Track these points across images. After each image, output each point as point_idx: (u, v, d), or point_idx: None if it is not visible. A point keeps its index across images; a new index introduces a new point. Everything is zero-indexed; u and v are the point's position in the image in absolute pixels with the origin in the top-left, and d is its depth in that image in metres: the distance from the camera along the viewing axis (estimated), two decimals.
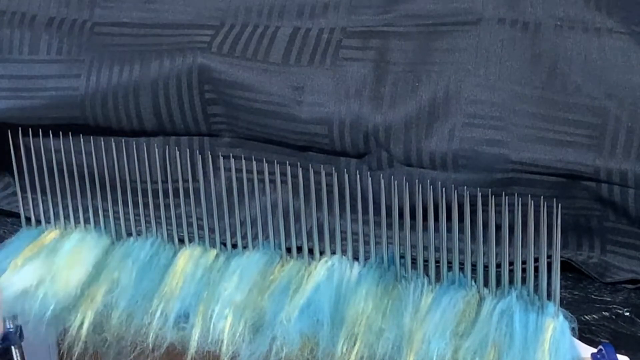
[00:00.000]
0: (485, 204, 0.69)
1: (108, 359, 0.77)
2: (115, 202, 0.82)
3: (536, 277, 0.68)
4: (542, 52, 0.76)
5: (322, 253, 0.76)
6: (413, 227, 0.71)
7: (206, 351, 0.74)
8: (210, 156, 0.80)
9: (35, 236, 0.82)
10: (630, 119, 0.73)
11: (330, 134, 0.79)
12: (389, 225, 0.73)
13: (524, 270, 0.69)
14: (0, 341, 0.82)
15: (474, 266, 0.71)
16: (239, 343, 0.73)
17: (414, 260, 0.73)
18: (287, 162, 0.80)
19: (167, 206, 0.80)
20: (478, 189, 0.71)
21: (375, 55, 0.79)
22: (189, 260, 0.78)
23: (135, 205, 0.81)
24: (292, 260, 0.76)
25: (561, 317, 0.67)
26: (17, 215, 0.85)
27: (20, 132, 0.84)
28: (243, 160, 0.80)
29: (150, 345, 0.75)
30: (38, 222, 0.83)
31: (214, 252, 0.78)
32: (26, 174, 0.83)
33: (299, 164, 0.79)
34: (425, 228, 0.71)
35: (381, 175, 0.75)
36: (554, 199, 0.68)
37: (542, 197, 0.69)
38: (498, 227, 0.69)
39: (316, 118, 0.79)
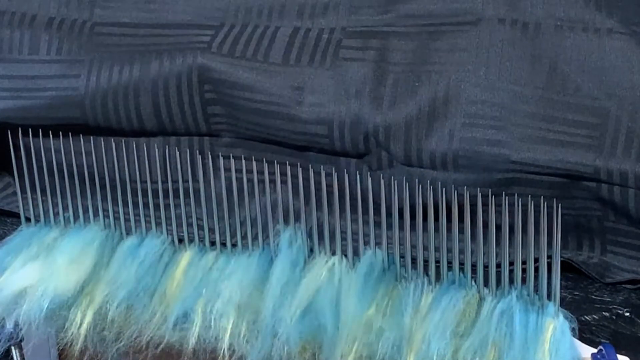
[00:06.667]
0: (485, 204, 0.69)
1: (108, 358, 0.77)
2: (115, 202, 0.82)
3: (536, 277, 0.68)
4: (542, 52, 0.76)
5: (322, 253, 0.76)
6: (413, 227, 0.71)
7: (205, 350, 0.74)
8: (210, 156, 0.80)
9: (35, 236, 0.82)
10: (630, 119, 0.73)
11: (330, 134, 0.79)
12: (389, 225, 0.73)
13: (524, 271, 0.69)
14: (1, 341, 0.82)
15: (474, 266, 0.71)
16: (239, 343, 0.73)
17: (414, 260, 0.73)
18: (287, 162, 0.80)
19: (167, 206, 0.80)
20: (478, 189, 0.71)
21: (375, 55, 0.79)
22: (189, 261, 0.78)
23: (135, 205, 0.81)
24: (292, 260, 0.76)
25: (561, 317, 0.67)
26: (17, 215, 0.85)
27: (20, 132, 0.84)
28: (243, 160, 0.80)
29: (149, 344, 0.75)
30: (38, 221, 0.83)
31: (214, 252, 0.78)
32: (26, 174, 0.83)
33: (299, 164, 0.79)
34: (425, 228, 0.71)
35: (381, 175, 0.75)
36: (554, 199, 0.68)
37: (542, 197, 0.69)
38: (498, 227, 0.69)
39: (316, 118, 0.79)
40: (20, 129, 0.84)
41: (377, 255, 0.73)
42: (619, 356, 0.66)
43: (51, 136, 0.84)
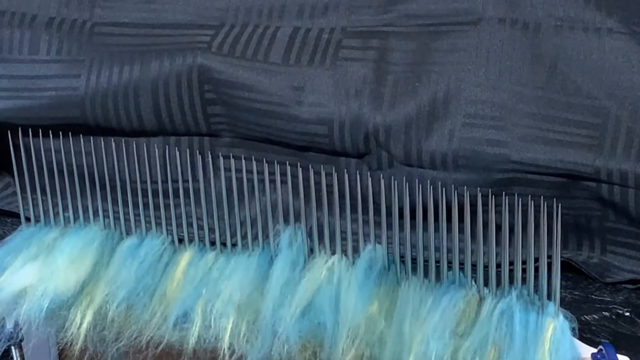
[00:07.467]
0: (485, 204, 0.69)
1: (108, 358, 0.77)
2: (115, 202, 0.82)
3: (536, 277, 0.68)
4: (542, 52, 0.76)
5: (322, 253, 0.76)
6: (413, 227, 0.71)
7: (205, 350, 0.74)
8: (210, 156, 0.80)
9: (35, 236, 0.82)
10: (630, 119, 0.73)
11: (330, 134, 0.79)
12: (389, 225, 0.73)
13: (524, 270, 0.69)
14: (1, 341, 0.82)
15: (474, 266, 0.71)
16: (239, 342, 0.73)
17: (414, 260, 0.73)
18: (287, 162, 0.80)
19: (167, 206, 0.80)
20: (478, 189, 0.71)
21: (375, 55, 0.79)
22: (189, 261, 0.78)
23: (135, 205, 0.81)
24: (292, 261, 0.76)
25: (561, 317, 0.67)
26: (17, 215, 0.85)
27: (20, 132, 0.84)
28: (243, 160, 0.80)
29: (149, 344, 0.75)
30: (38, 221, 0.83)
31: (214, 252, 0.78)
32: (26, 174, 0.83)
33: (299, 164, 0.79)
34: (425, 228, 0.71)
35: (381, 175, 0.75)
36: (554, 199, 0.68)
37: (542, 197, 0.69)
38: (498, 227, 0.69)
39: (316, 118, 0.79)
40: (20, 129, 0.84)
41: (377, 250, 0.73)
42: (619, 356, 0.66)
43: (51, 136, 0.84)
